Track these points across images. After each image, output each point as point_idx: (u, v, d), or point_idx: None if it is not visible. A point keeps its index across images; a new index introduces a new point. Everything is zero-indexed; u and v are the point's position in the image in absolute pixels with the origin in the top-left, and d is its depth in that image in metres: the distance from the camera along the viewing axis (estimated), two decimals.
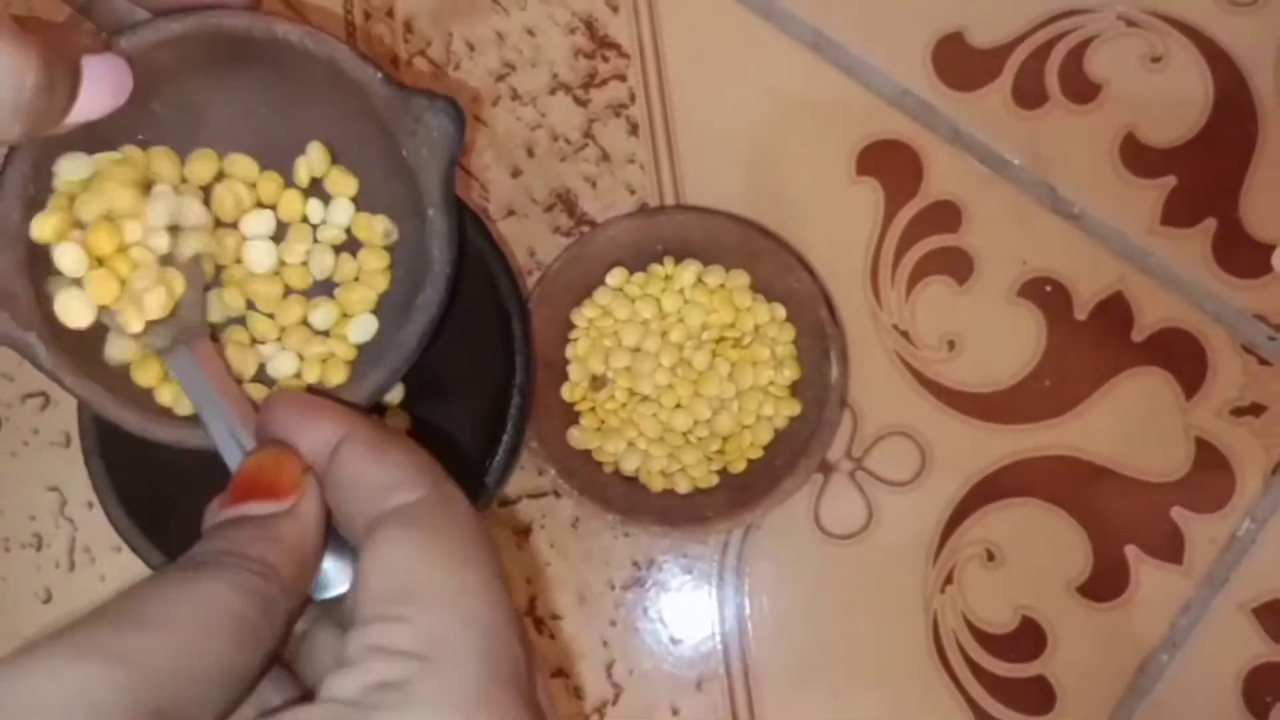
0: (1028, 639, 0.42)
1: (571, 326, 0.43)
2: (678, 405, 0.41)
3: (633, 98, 0.45)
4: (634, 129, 0.45)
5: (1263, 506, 0.42)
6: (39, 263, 0.30)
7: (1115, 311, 0.43)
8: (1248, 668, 0.41)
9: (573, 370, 0.43)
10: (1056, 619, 0.42)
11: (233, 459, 0.29)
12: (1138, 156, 0.44)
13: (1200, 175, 0.44)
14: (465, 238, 0.38)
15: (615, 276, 0.43)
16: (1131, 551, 0.42)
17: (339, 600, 0.26)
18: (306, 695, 0.25)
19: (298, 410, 0.27)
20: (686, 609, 0.43)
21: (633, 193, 0.45)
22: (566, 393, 0.42)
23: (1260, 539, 0.42)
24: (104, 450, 0.39)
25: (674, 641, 0.43)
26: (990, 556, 0.42)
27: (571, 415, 0.42)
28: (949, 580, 0.42)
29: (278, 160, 0.33)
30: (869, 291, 0.44)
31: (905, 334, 0.44)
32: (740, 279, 0.42)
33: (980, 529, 0.42)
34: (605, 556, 0.43)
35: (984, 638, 0.42)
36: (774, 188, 0.45)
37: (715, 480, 0.41)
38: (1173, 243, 0.44)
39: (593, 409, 0.42)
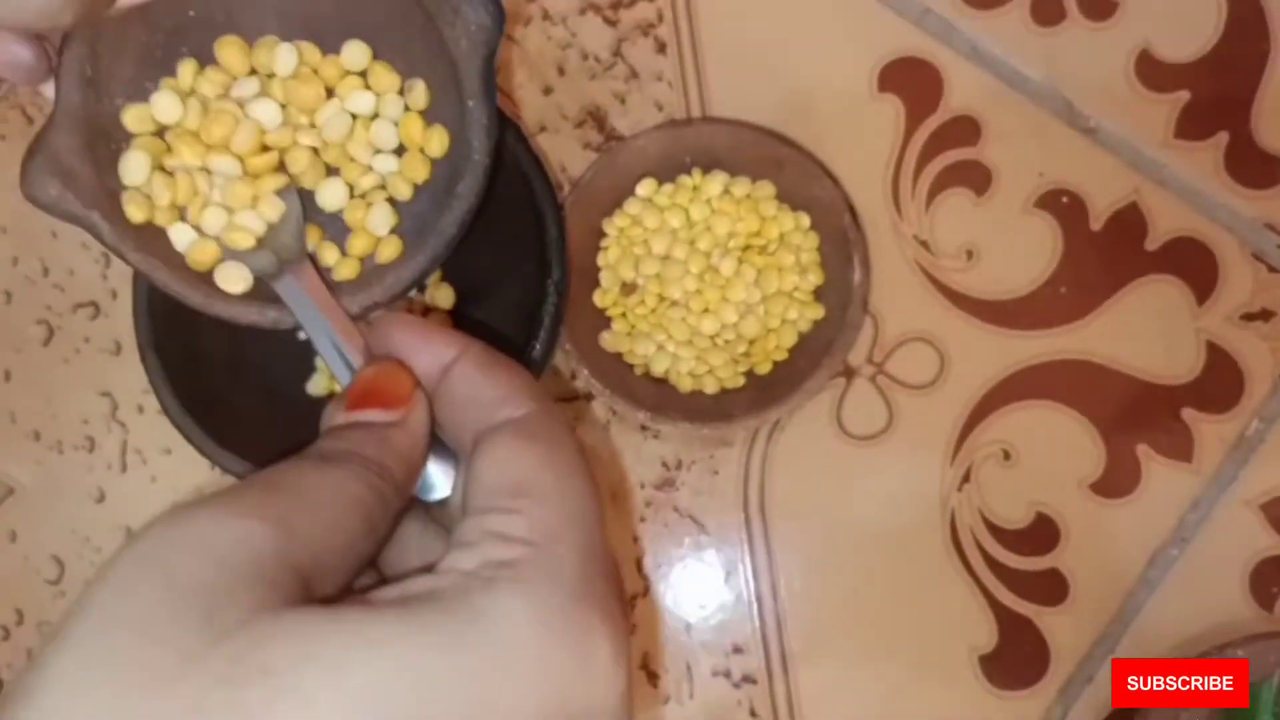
0: (1042, 534, 0.43)
1: (603, 235, 0.44)
2: (706, 310, 0.43)
3: (660, 18, 0.47)
4: (662, 48, 0.47)
5: (1270, 407, 0.43)
6: (100, 143, 0.31)
7: (1129, 221, 0.45)
8: (1255, 560, 0.43)
9: (604, 277, 0.44)
10: (1070, 515, 0.43)
11: (342, 375, 0.31)
12: (1152, 72, 0.45)
13: (1213, 90, 0.45)
14: (503, 131, 0.39)
15: (645, 187, 0.44)
16: (1143, 450, 0.43)
17: (440, 503, 0.29)
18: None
19: (414, 331, 0.29)
20: (713, 507, 0.44)
21: (660, 109, 0.46)
22: (598, 298, 0.44)
23: (1268, 438, 0.43)
24: (158, 345, 0.40)
25: (701, 537, 0.44)
26: (1006, 456, 0.44)
27: (603, 320, 0.44)
28: (966, 479, 0.44)
29: (328, 41, 0.34)
30: (890, 203, 0.45)
31: (925, 244, 0.45)
32: (766, 189, 0.44)
33: (997, 430, 0.44)
34: (636, 457, 0.45)
35: (1000, 533, 0.43)
36: (798, 105, 0.46)
37: (742, 381, 0.43)
38: (1186, 155, 0.45)
39: (624, 314, 0.44)
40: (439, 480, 0.29)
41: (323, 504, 0.24)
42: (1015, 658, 0.43)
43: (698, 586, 0.44)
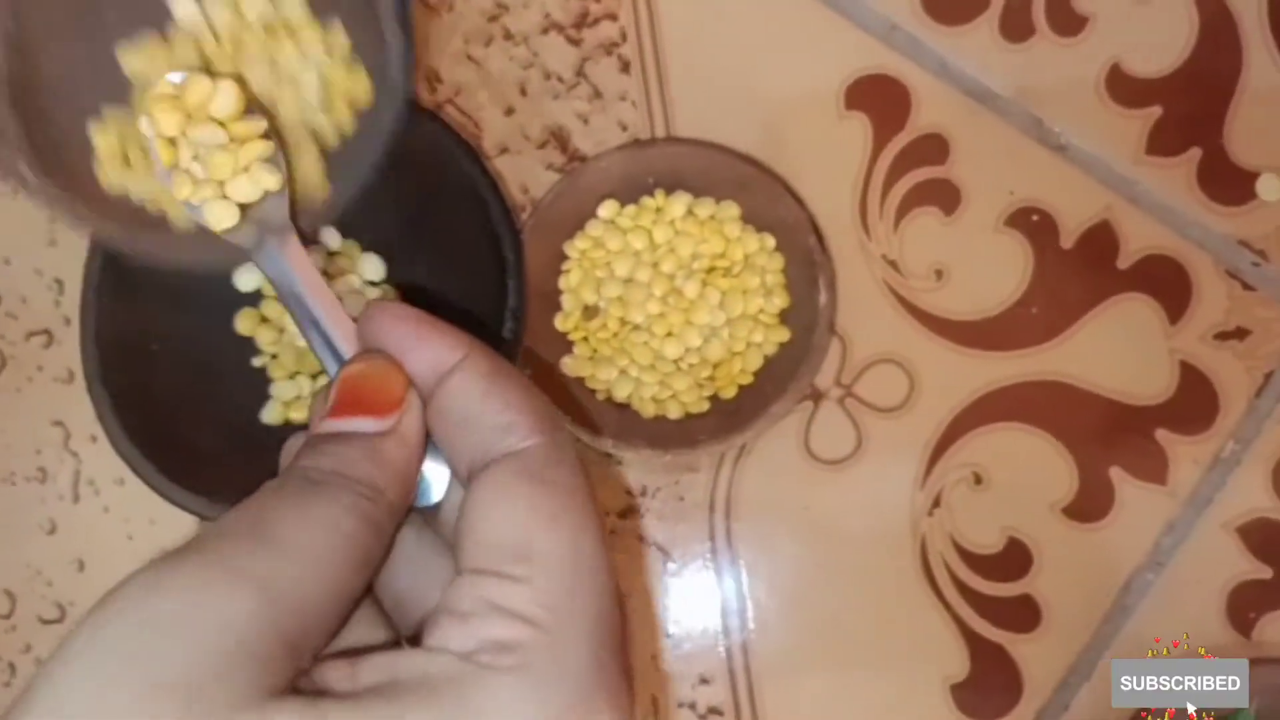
0: (1014, 559, 0.42)
1: (564, 258, 0.44)
2: (669, 333, 0.42)
3: (624, 36, 0.46)
4: (626, 67, 0.46)
5: (1246, 428, 0.42)
6: (28, 99, 0.31)
7: (1101, 240, 0.44)
8: (1232, 585, 0.42)
9: (566, 300, 0.43)
10: (1043, 539, 0.42)
11: (328, 364, 0.28)
12: (1123, 88, 0.45)
13: (1185, 105, 0.44)
14: (459, 152, 0.38)
15: (607, 209, 0.43)
16: (1116, 473, 0.43)
17: (434, 508, 0.26)
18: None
19: (411, 325, 0.26)
20: (679, 534, 0.43)
21: (624, 129, 0.46)
22: (559, 322, 0.43)
23: (1244, 460, 0.42)
24: (105, 377, 0.39)
25: (667, 565, 0.43)
26: (977, 480, 0.43)
27: (564, 344, 0.43)
28: (936, 503, 0.43)
29: None
30: (858, 223, 0.45)
31: (894, 264, 0.44)
32: (730, 210, 0.43)
33: (967, 453, 0.43)
34: (599, 484, 0.44)
35: (971, 559, 0.43)
36: (764, 124, 0.45)
37: (706, 406, 0.42)
38: (1158, 171, 0.44)
39: (585, 338, 0.43)
40: (433, 483, 0.26)
41: (311, 552, 0.21)
42: (988, 686, 0.42)
43: (663, 616, 0.43)
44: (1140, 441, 0.43)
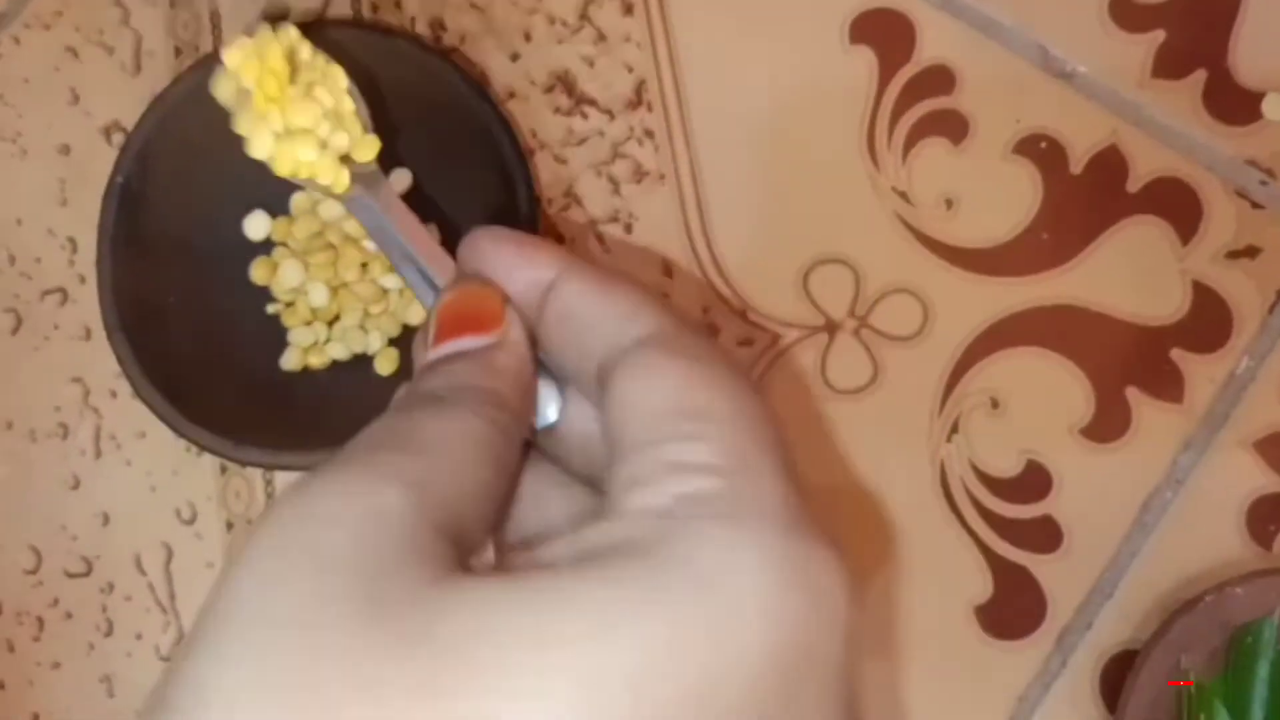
0: (1034, 482, 0.43)
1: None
2: None
3: None
4: (629, 9, 0.46)
5: (1260, 344, 0.43)
6: None
7: (1109, 164, 0.44)
8: (1250, 499, 0.42)
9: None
10: (1061, 461, 0.43)
11: (425, 298, 0.29)
12: (1126, 12, 0.45)
13: (1189, 28, 0.45)
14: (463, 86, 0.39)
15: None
16: (1132, 393, 0.43)
17: (550, 428, 0.26)
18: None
19: (510, 245, 0.26)
20: None
21: (630, 70, 0.46)
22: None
23: (1259, 376, 0.42)
24: (125, 325, 0.39)
25: None
26: (994, 405, 0.43)
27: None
28: (954, 430, 0.43)
29: None
30: (866, 156, 0.45)
31: (904, 195, 0.44)
32: None
33: (983, 379, 0.43)
34: None
35: (991, 483, 0.43)
36: (769, 58, 0.45)
37: None
38: (1164, 95, 0.44)
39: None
40: (548, 404, 0.26)
41: (452, 453, 0.21)
42: (1012, 607, 0.42)
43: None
44: (1155, 361, 0.43)
